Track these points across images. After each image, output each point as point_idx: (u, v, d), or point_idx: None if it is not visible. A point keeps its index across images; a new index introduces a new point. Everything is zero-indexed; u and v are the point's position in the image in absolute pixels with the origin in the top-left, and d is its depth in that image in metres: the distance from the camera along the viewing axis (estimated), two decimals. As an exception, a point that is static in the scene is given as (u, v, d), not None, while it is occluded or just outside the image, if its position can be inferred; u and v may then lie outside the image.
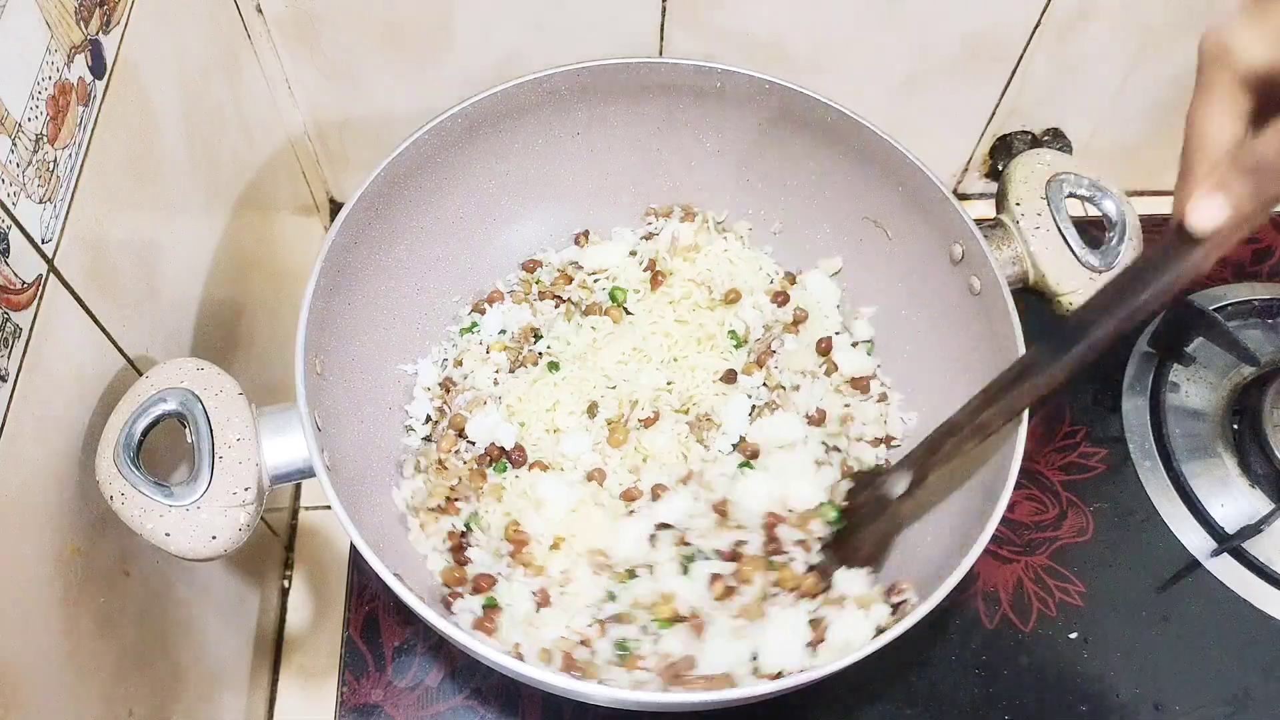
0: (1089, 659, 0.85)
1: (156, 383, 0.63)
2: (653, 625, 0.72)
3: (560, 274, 0.91)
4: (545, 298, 0.90)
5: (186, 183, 0.74)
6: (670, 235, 0.90)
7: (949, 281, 0.81)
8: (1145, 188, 1.15)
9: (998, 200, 0.83)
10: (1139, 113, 1.06)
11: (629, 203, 0.94)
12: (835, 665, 0.63)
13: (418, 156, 0.80)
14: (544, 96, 0.83)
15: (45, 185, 0.54)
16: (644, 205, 0.94)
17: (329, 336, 0.74)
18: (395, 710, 0.81)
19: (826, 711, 0.83)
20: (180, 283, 0.73)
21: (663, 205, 0.94)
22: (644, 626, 0.72)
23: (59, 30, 0.56)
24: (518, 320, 0.88)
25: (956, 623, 0.86)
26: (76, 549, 0.58)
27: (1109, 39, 0.96)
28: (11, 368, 0.51)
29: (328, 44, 0.90)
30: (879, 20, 0.92)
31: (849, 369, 0.87)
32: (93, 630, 0.60)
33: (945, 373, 0.82)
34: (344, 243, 0.74)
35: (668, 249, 0.89)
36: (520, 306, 0.89)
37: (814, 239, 0.92)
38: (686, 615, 0.72)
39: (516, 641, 0.72)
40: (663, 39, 0.93)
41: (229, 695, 0.80)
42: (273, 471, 0.65)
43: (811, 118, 0.83)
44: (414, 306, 0.87)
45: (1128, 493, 0.93)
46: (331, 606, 0.90)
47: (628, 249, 0.92)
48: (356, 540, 0.63)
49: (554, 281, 0.91)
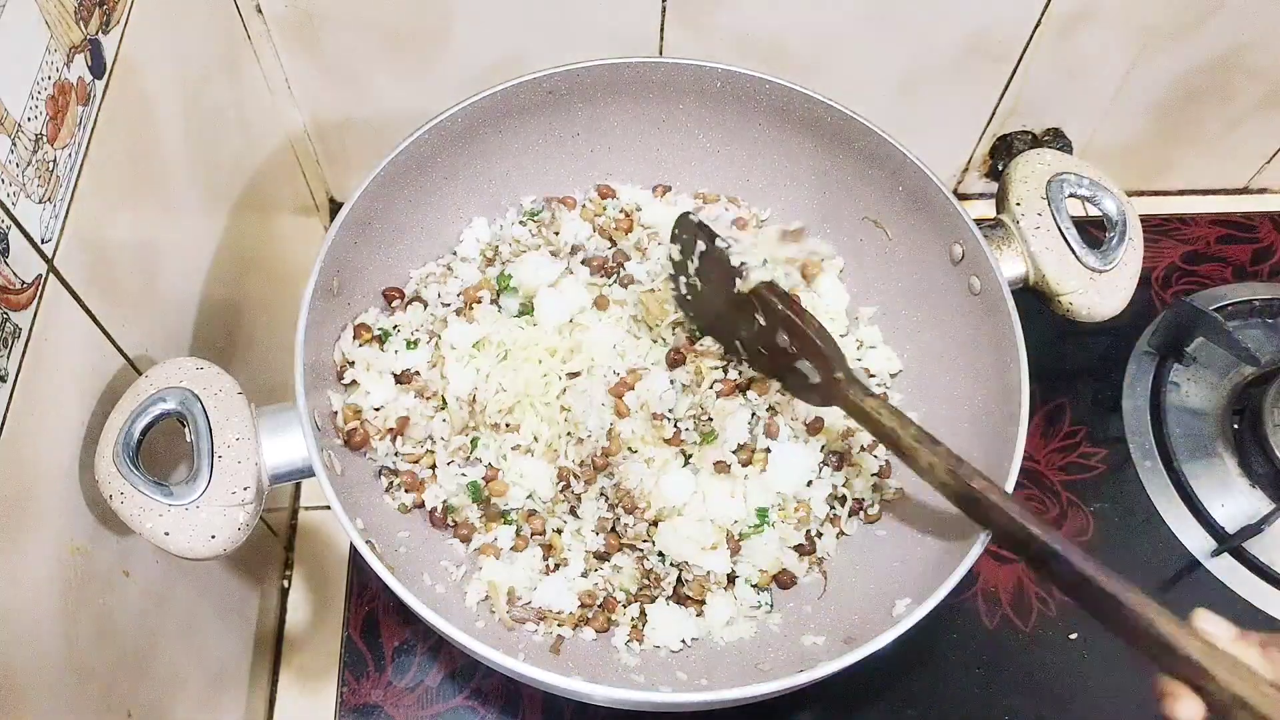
0: (1089, 659, 0.85)
1: (156, 382, 0.63)
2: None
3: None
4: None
5: (186, 183, 0.74)
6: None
7: (949, 281, 0.81)
8: (1145, 188, 1.16)
9: (998, 200, 0.83)
10: (1139, 113, 1.06)
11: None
12: (835, 665, 0.63)
13: (418, 156, 0.80)
14: (544, 96, 0.83)
15: (45, 185, 0.54)
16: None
17: (329, 335, 0.74)
18: (395, 710, 0.81)
19: (827, 711, 0.83)
20: (180, 283, 0.73)
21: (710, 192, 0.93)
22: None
23: (59, 30, 0.56)
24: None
25: (956, 623, 0.86)
26: (76, 549, 0.58)
27: (1109, 39, 0.96)
28: (11, 368, 0.51)
29: (328, 44, 0.90)
30: (879, 20, 0.92)
31: (878, 368, 0.85)
32: (93, 629, 0.60)
33: (945, 372, 0.82)
34: (344, 243, 0.74)
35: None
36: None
37: (814, 239, 0.91)
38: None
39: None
40: (663, 39, 0.93)
41: (229, 695, 0.80)
42: (272, 471, 0.65)
43: (811, 118, 0.83)
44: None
45: (1128, 493, 0.93)
46: (331, 606, 0.90)
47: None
48: (356, 540, 0.63)
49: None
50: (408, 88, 0.95)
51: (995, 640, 0.86)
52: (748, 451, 0.78)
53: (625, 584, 0.76)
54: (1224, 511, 0.91)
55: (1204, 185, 1.17)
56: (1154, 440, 0.95)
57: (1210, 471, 0.93)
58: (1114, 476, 0.94)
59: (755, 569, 0.77)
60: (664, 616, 0.75)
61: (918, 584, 0.71)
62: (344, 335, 0.78)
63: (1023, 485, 0.92)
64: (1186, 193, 1.17)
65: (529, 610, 0.74)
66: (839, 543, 0.79)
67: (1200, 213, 1.12)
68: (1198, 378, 0.98)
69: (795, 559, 0.77)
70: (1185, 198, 1.17)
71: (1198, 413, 0.96)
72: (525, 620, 0.74)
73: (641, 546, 0.76)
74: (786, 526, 0.77)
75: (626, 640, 0.75)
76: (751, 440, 0.78)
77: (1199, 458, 0.93)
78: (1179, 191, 1.17)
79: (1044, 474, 0.94)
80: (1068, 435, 0.96)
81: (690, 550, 0.75)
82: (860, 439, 0.81)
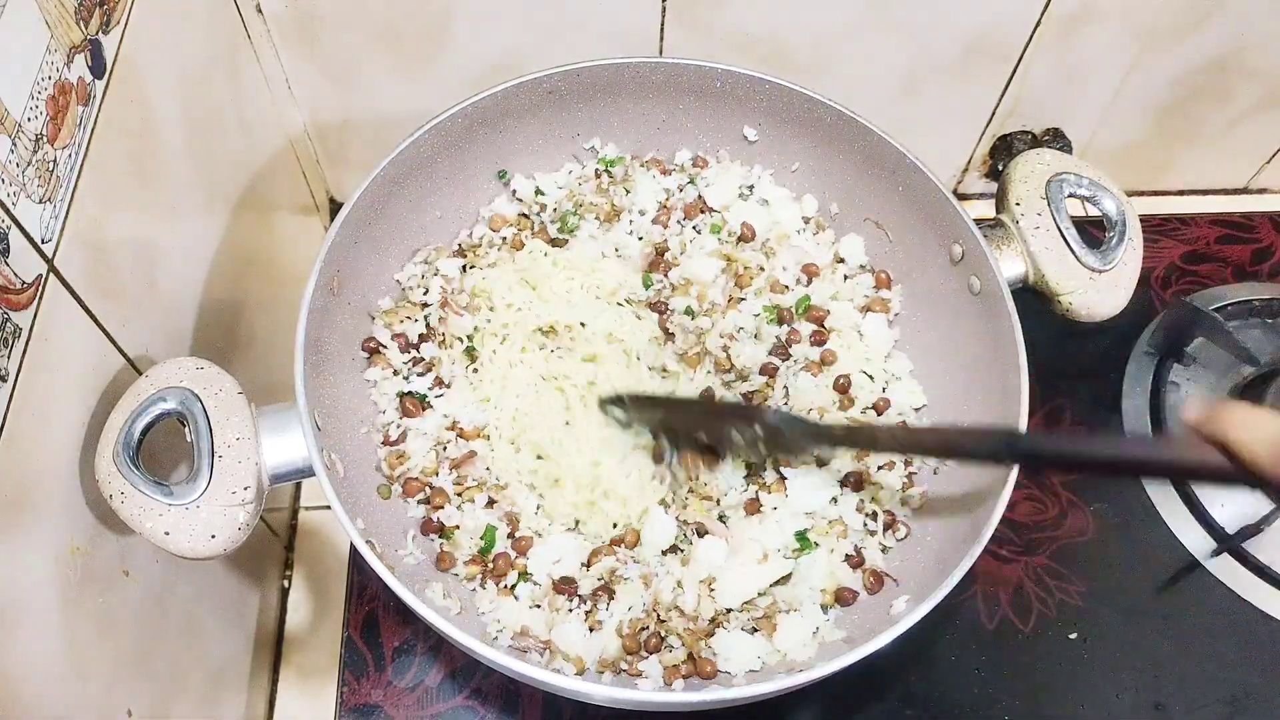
0: (1089, 659, 0.85)
1: (156, 382, 0.63)
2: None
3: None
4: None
5: (186, 183, 0.74)
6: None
7: (949, 281, 0.81)
8: (1145, 188, 1.16)
9: (998, 200, 0.83)
10: (1139, 113, 1.06)
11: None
12: (835, 665, 0.63)
13: (418, 156, 0.80)
14: (544, 96, 0.83)
15: (45, 185, 0.54)
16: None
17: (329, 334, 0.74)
18: (395, 710, 0.81)
19: (827, 711, 0.83)
20: (180, 283, 0.73)
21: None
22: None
23: (59, 30, 0.56)
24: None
25: (956, 623, 0.86)
26: (76, 549, 0.58)
27: (1109, 39, 0.96)
28: (11, 368, 0.51)
29: (328, 44, 0.90)
30: (879, 20, 0.92)
31: (901, 401, 0.83)
32: (92, 630, 0.60)
33: (945, 372, 0.82)
34: (344, 243, 0.74)
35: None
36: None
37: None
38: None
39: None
40: (663, 39, 0.93)
41: (229, 695, 0.80)
42: (272, 471, 0.65)
43: (811, 118, 0.83)
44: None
45: (1128, 493, 0.93)
46: (331, 606, 0.90)
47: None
48: (356, 540, 0.63)
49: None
50: (408, 88, 0.95)
51: (995, 640, 0.86)
52: (759, 484, 0.78)
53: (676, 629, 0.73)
54: (1224, 511, 0.91)
55: (1204, 185, 1.17)
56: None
57: (1210, 471, 0.93)
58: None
59: (816, 590, 0.75)
60: (732, 643, 0.72)
61: (917, 584, 0.71)
62: (386, 402, 0.79)
63: (1022, 485, 0.93)
64: (1186, 193, 1.17)
65: (536, 642, 0.73)
66: (883, 556, 0.78)
67: (1200, 213, 1.12)
68: (1198, 378, 0.98)
69: (849, 572, 0.76)
70: (1185, 198, 1.17)
71: (1198, 413, 0.96)
72: (528, 650, 0.72)
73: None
74: (830, 539, 0.76)
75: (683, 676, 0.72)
76: (761, 478, 0.79)
77: (1199, 458, 0.93)
78: (1179, 191, 1.17)
79: (1044, 474, 0.94)
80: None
81: (748, 587, 0.74)
82: (874, 459, 0.80)
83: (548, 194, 0.88)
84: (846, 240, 0.88)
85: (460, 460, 0.77)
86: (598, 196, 0.88)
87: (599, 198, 0.88)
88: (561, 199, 0.88)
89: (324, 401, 0.72)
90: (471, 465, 0.77)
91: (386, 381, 0.80)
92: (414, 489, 0.76)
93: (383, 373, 0.80)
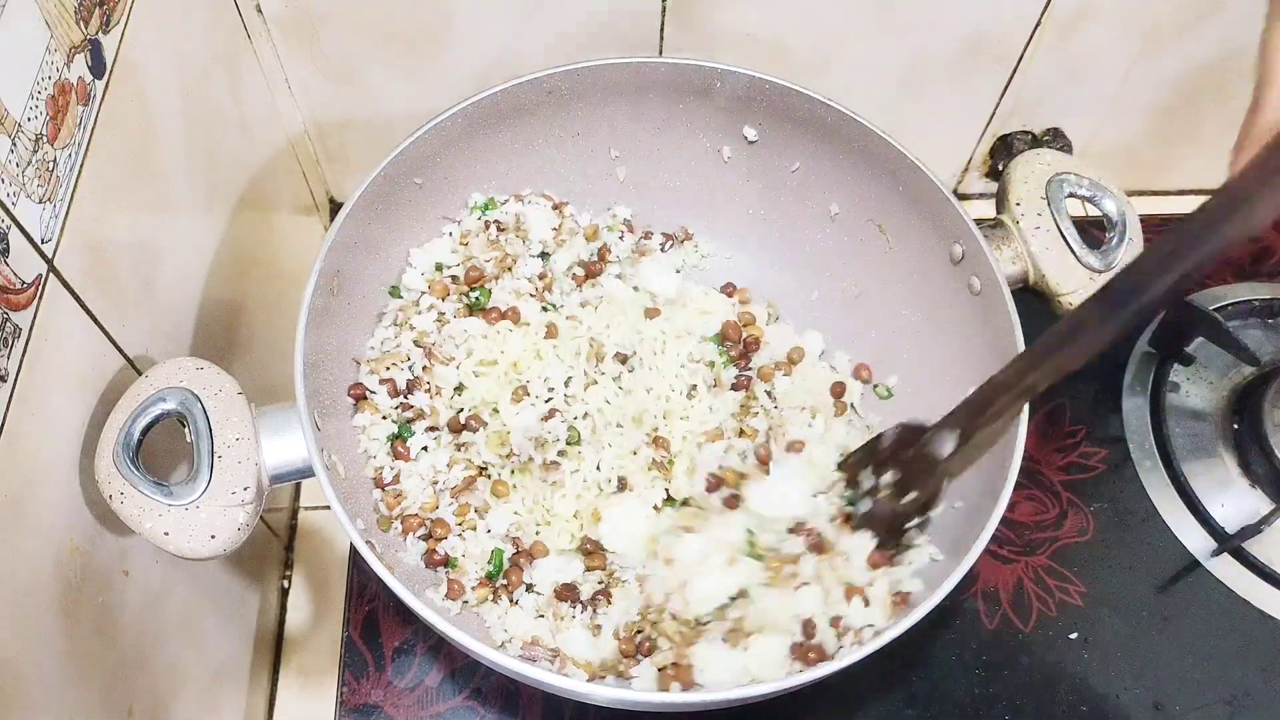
0: (1089, 659, 0.85)
1: (156, 382, 0.63)
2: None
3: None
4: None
5: (186, 183, 0.74)
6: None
7: (949, 281, 0.81)
8: (1145, 188, 1.16)
9: (998, 200, 0.83)
10: (1139, 113, 1.06)
11: (629, 202, 0.94)
12: (835, 665, 0.63)
13: (418, 156, 0.80)
14: (544, 96, 0.83)
15: (45, 185, 0.54)
16: (643, 206, 0.94)
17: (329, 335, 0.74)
18: (395, 710, 0.81)
19: (827, 712, 0.83)
20: (180, 283, 0.73)
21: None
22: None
23: (59, 30, 0.56)
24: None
25: (956, 623, 0.86)
26: (76, 549, 0.58)
27: (1109, 39, 0.96)
28: (11, 368, 0.51)
29: (328, 44, 0.90)
30: (879, 20, 0.92)
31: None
32: (92, 629, 0.60)
33: (945, 372, 0.82)
34: (344, 243, 0.74)
35: None
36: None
37: (814, 239, 0.91)
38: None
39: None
40: (663, 39, 0.93)
41: (229, 695, 0.80)
42: (272, 471, 0.65)
43: (811, 118, 0.83)
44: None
45: (1128, 493, 0.93)
46: (331, 606, 0.90)
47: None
48: (356, 540, 0.63)
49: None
50: (407, 88, 0.95)
51: (995, 640, 0.86)
52: (734, 475, 0.78)
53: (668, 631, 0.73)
54: (1224, 511, 0.91)
55: (1204, 185, 1.17)
56: (1154, 440, 0.95)
57: (1210, 471, 0.93)
58: (1114, 476, 0.94)
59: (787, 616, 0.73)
60: (710, 655, 0.71)
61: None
62: (377, 448, 0.78)
63: (1023, 485, 0.93)
64: (1186, 193, 1.17)
65: (544, 650, 0.73)
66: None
67: (1200, 213, 1.12)
68: (1198, 378, 0.98)
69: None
70: (1185, 198, 1.17)
71: (1198, 413, 0.96)
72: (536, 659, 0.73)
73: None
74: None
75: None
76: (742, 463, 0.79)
77: (1199, 458, 0.93)
78: (1179, 191, 1.17)
79: (1044, 474, 0.94)
80: (1068, 435, 0.96)
81: (718, 592, 0.72)
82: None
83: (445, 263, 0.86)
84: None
85: (460, 488, 0.77)
86: (490, 251, 0.86)
87: (492, 251, 0.86)
88: (457, 265, 0.86)
89: (324, 402, 0.72)
90: (471, 493, 0.77)
91: (375, 426, 0.78)
92: (413, 525, 0.76)
93: (371, 418, 0.78)
